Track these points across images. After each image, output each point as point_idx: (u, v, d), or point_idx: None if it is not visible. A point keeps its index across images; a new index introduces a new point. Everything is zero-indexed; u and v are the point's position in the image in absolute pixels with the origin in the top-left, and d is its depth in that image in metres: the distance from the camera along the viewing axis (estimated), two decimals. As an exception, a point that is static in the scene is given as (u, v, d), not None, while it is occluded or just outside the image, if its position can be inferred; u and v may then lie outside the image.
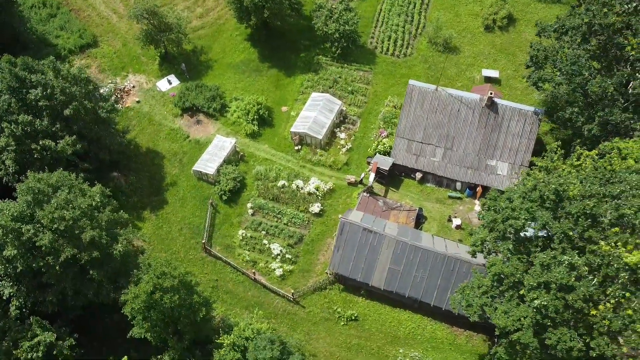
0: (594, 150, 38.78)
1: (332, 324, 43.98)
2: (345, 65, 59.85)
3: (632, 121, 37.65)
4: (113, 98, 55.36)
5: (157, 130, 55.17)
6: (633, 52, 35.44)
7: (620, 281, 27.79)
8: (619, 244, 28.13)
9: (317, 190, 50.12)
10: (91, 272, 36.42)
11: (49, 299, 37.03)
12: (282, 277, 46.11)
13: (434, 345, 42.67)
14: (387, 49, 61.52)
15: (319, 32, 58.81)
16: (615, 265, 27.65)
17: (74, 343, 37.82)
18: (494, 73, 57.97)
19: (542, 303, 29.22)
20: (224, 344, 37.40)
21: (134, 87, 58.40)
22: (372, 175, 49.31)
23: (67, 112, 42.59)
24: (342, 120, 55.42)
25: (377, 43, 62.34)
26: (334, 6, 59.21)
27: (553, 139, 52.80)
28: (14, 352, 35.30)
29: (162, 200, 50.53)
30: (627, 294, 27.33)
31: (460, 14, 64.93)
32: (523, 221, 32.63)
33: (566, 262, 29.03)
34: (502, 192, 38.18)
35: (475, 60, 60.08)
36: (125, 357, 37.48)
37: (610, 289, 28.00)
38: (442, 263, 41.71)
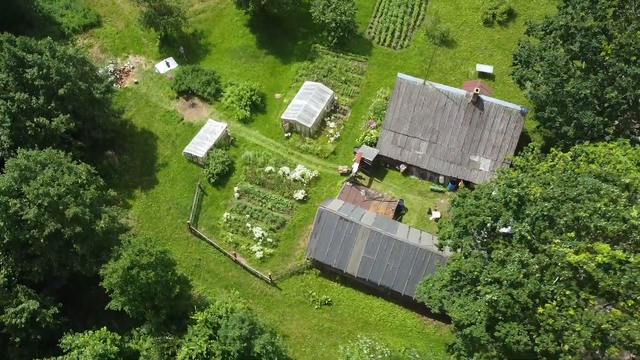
0: (568, 152, 39.42)
1: (306, 307, 45.67)
2: (341, 54, 60.60)
3: (605, 126, 38.09)
4: (112, 78, 57.13)
5: (153, 112, 56.83)
6: (607, 58, 35.76)
7: (562, 279, 28.78)
8: (567, 244, 29.05)
9: (303, 177, 51.47)
10: (75, 246, 38.48)
11: (35, 269, 39.26)
12: (262, 259, 47.81)
13: (402, 332, 44.14)
14: (384, 40, 62.05)
15: (316, 20, 59.51)
16: (559, 263, 28.64)
17: (57, 312, 40.06)
18: (488, 68, 58.26)
19: (493, 297, 30.41)
20: (198, 320, 39.29)
21: (133, 68, 60.02)
22: (355, 165, 50.45)
23: (61, 91, 44.36)
24: (333, 109, 56.43)
25: (375, 33, 62.85)
26: (331, -4, 59.74)
27: (541, 137, 53.24)
28: (-1, 317, 37.72)
29: (153, 180, 52.38)
30: (568, 292, 28.34)
31: (460, 7, 64.99)
32: (483, 218, 33.64)
33: (517, 260, 30.10)
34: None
35: (472, 54, 60.35)
36: (104, 327, 39.69)
37: (554, 287, 29.03)
38: (414, 254, 42.93)
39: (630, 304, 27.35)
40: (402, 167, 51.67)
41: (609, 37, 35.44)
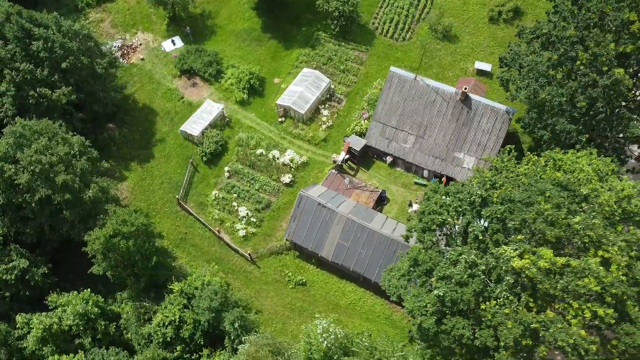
0: (542, 158, 40.24)
1: (281, 286, 47.88)
2: (343, 43, 61.63)
3: (578, 133, 38.76)
4: (118, 54, 59.40)
5: (156, 89, 59.04)
6: (582, 67, 36.28)
7: (504, 283, 30.14)
8: (514, 247, 30.30)
9: (292, 162, 53.25)
10: (65, 212, 41.21)
11: (28, 231, 42.21)
12: (244, 237, 50.05)
13: (370, 317, 46.07)
14: (387, 31, 62.75)
15: (320, 8, 60.48)
16: (503, 267, 29.96)
17: (46, 272, 43.09)
18: (486, 66, 58.62)
19: (440, 293, 31.98)
20: (174, 290, 41.85)
21: (140, 44, 62.16)
22: (342, 154, 51.98)
23: (64, 65, 46.79)
24: (328, 97, 57.77)
25: (379, 24, 63.54)
26: (337, -16, 60.49)
27: (530, 139, 53.82)
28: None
29: (149, 155, 54.82)
30: (510, 297, 29.73)
31: (468, 2, 65.12)
32: (445, 217, 35.00)
33: (464, 262, 31.54)
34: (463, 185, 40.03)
35: (472, 51, 60.72)
36: (88, 289, 42.60)
37: (498, 290, 30.42)
38: (386, 244, 44.56)
39: (563, 307, 28.63)
40: (389, 159, 52.98)
41: (585, 47, 35.92)
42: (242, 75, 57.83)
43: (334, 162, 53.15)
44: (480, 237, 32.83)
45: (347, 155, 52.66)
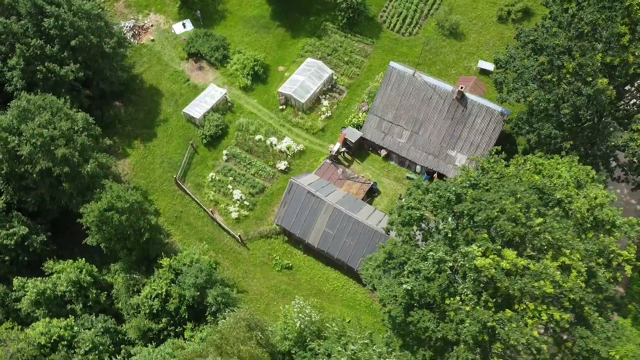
0: (527, 161, 40.92)
1: (268, 269, 49.61)
2: (349, 35, 62.41)
3: (563, 140, 39.32)
4: (130, 34, 61.14)
5: (163, 70, 60.74)
6: (568, 76, 36.72)
7: (468, 280, 31.23)
8: (479, 244, 31.34)
9: (288, 149, 54.62)
10: (64, 184, 43.35)
11: (30, 200, 44.51)
12: (237, 219, 51.77)
13: (351, 304, 47.55)
14: (394, 25, 63.35)
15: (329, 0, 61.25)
16: (467, 265, 31.04)
17: (45, 239, 45.41)
18: (489, 66, 58.86)
19: (408, 287, 33.26)
20: (164, 265, 43.82)
21: (152, 25, 63.81)
22: (337, 145, 53.16)
23: (73, 42, 48.68)
24: (330, 88, 58.80)
25: (387, 17, 64.11)
26: (346, -24, 61.08)
27: (525, 141, 54.25)
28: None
29: (152, 134, 56.69)
30: (470, 295, 30.85)
31: (478, 0, 65.33)
32: (422, 212, 36.13)
33: (431, 259, 32.72)
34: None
35: (478, 50, 61.00)
36: (83, 259, 44.84)
37: (461, 287, 31.55)
38: (369, 235, 45.81)
39: (522, 308, 29.68)
40: (383, 152, 53.99)
41: (571, 57, 36.34)
42: (247, 62, 59.14)
43: (330, 152, 54.34)
44: (450, 235, 33.92)
45: (343, 148, 53.78)
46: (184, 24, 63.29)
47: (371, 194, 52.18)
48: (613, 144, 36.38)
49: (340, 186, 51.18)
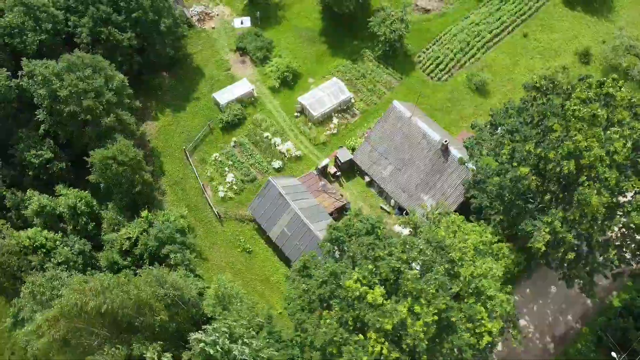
0: (459, 218, 44.55)
1: (232, 247, 56.51)
2: (382, 66, 67.44)
3: (494, 212, 42.47)
4: (197, 18, 70.20)
5: (212, 55, 69.21)
6: (504, 157, 39.87)
7: (340, 298, 36.18)
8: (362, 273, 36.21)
9: (287, 152, 61.02)
10: (86, 128, 52.99)
11: (60, 133, 54.62)
12: (223, 199, 59.11)
13: (287, 300, 53.29)
14: (427, 68, 67.52)
15: (372, 30, 66.46)
16: (340, 282, 36.01)
17: (64, 167, 55.33)
18: (499, 128, 61.54)
19: (305, 288, 38.75)
20: (142, 215, 52.13)
21: (217, 15, 72.53)
22: (326, 160, 58.79)
23: (134, 15, 58.16)
24: (345, 109, 64.31)
25: (424, 59, 68.39)
26: (392, 13, 66.03)
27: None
28: (25, 153, 53.64)
29: (183, 107, 65.34)
30: (337, 309, 35.76)
31: (518, 64, 67.97)
32: (341, 235, 41.35)
33: (326, 271, 37.96)
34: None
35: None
36: (87, 192, 54.26)
37: (333, 302, 36.56)
38: (317, 244, 51.18)
39: (369, 335, 34.24)
40: (367, 179, 58.85)
41: (511, 139, 39.38)
42: (281, 67, 66.01)
43: (317, 166, 59.54)
44: (353, 259, 38.96)
45: (335, 170, 58.86)
46: (242, 21, 71.32)
47: (342, 212, 57.30)
48: (524, 228, 39.14)
49: (316, 197, 56.82)
